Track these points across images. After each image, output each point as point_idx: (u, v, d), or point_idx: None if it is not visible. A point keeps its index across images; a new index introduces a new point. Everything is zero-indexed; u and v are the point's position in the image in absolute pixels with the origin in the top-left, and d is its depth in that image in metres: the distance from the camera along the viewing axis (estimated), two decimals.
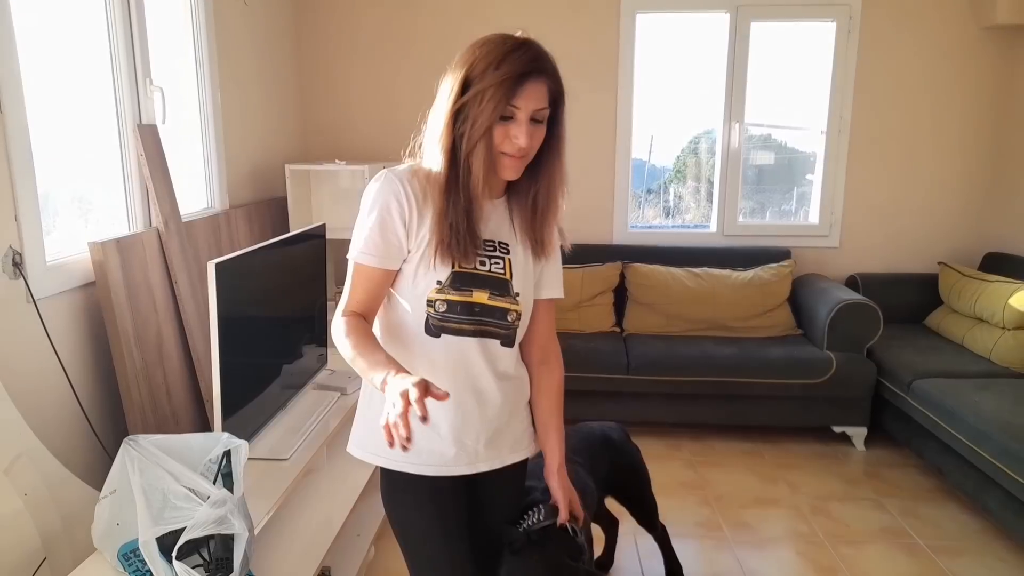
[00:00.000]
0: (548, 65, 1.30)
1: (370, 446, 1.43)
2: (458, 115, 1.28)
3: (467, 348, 1.36)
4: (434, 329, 1.35)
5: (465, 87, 1.27)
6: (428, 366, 1.36)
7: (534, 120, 1.28)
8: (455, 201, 1.30)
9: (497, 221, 1.40)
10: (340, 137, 4.02)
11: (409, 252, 1.34)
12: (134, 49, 2.39)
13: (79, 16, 2.25)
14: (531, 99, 1.26)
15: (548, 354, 1.53)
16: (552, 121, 1.33)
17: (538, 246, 1.41)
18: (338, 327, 1.31)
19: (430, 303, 1.33)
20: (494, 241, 1.39)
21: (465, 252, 1.31)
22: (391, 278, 1.36)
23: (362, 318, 1.33)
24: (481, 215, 1.35)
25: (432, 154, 1.33)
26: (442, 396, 1.08)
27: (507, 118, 1.27)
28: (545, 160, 1.35)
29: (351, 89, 3.98)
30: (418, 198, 1.32)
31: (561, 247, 1.49)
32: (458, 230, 1.30)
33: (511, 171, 1.31)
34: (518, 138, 1.27)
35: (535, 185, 1.37)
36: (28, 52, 1.91)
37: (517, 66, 1.25)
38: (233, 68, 3.11)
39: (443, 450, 1.39)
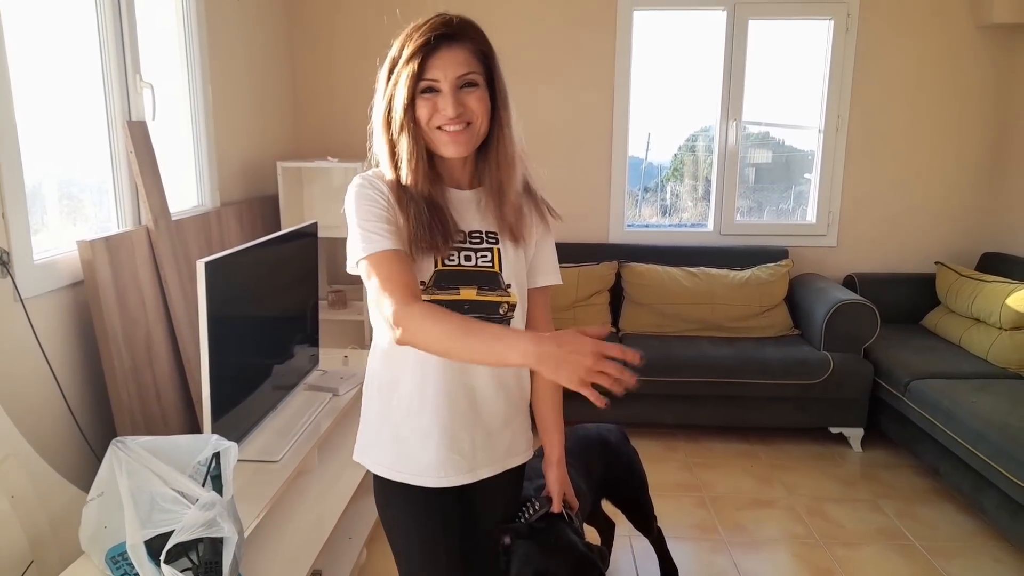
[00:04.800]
0: (461, 29, 1.24)
1: (371, 455, 1.40)
2: (389, 108, 1.26)
3: None
4: None
5: (390, 77, 1.26)
6: (419, 373, 1.33)
7: (467, 86, 1.23)
8: (408, 194, 1.27)
9: (479, 211, 1.35)
10: (332, 134, 3.99)
11: None
12: (124, 45, 2.36)
13: (68, 11, 2.22)
14: (448, 66, 1.21)
15: None
16: (491, 85, 1.27)
17: (510, 231, 1.34)
18: (415, 315, 1.13)
19: None
20: (480, 232, 1.34)
21: (435, 244, 1.25)
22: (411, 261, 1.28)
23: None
24: (448, 201, 1.31)
25: (379, 153, 1.30)
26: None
27: (430, 92, 1.23)
28: (492, 133, 1.30)
29: (343, 86, 3.95)
30: (391, 195, 1.28)
31: (551, 231, 1.44)
32: (421, 219, 1.25)
33: (451, 147, 1.25)
34: (445, 109, 1.22)
35: (487, 162, 1.32)
36: (16, 47, 1.88)
37: (423, 36, 1.21)
38: (224, 64, 3.08)
39: (440, 460, 1.36)
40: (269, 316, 2.31)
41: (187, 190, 2.87)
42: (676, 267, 3.74)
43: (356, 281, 1.34)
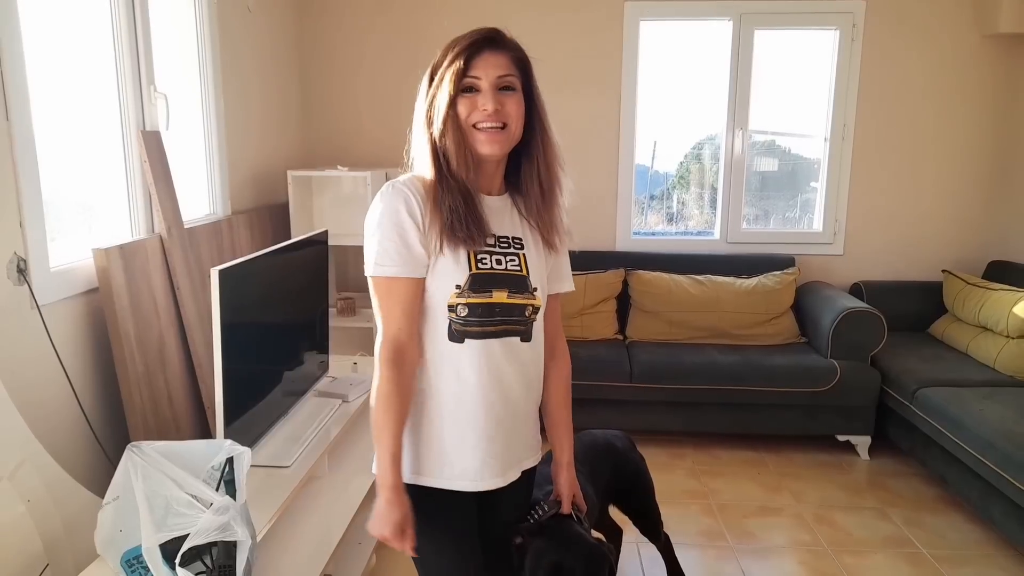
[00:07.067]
0: (504, 38, 1.33)
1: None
2: (431, 107, 1.32)
3: (492, 350, 1.35)
4: (457, 335, 1.34)
5: (432, 80, 1.33)
6: (454, 375, 1.35)
7: (505, 88, 1.30)
8: (447, 187, 1.31)
9: (506, 217, 1.40)
10: (342, 143, 4.03)
11: (429, 257, 1.33)
12: (138, 55, 2.40)
13: (84, 23, 2.26)
14: (490, 67, 1.29)
15: (556, 351, 1.53)
16: (528, 93, 1.34)
17: (549, 231, 1.41)
18: (377, 377, 1.30)
19: (451, 308, 1.32)
20: (508, 237, 1.39)
21: (471, 236, 1.31)
22: (421, 288, 1.33)
23: (402, 369, 1.30)
24: (482, 203, 1.36)
25: (419, 152, 1.35)
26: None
27: (471, 91, 1.29)
28: (533, 137, 1.37)
29: (353, 95, 3.99)
30: (424, 201, 1.32)
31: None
32: (457, 211, 1.30)
33: (487, 145, 1.31)
34: (485, 105, 1.28)
35: (533, 166, 1.38)
36: (34, 59, 1.91)
37: (469, 39, 1.30)
38: (236, 74, 3.12)
39: (478, 464, 1.38)
40: (280, 323, 2.33)
41: (199, 198, 2.91)
42: (683, 275, 3.75)
43: (365, 289, 1.39)
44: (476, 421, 1.37)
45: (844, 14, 3.77)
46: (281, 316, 2.34)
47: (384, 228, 1.30)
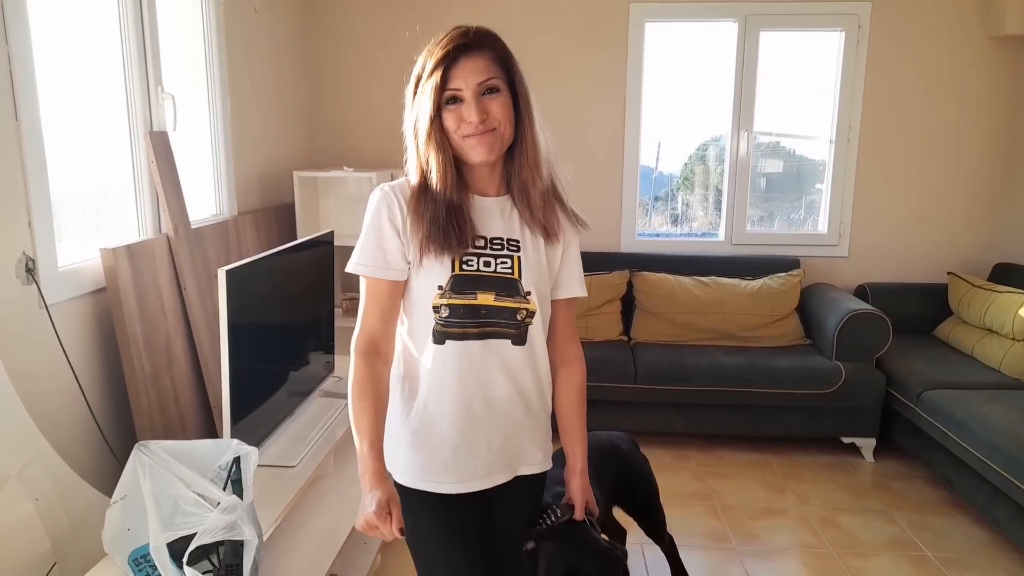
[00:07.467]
0: (478, 38, 1.29)
1: (393, 462, 1.42)
2: (416, 119, 1.32)
3: (472, 352, 1.34)
4: (439, 336, 1.34)
5: (416, 90, 1.32)
6: (435, 378, 1.35)
7: (488, 92, 1.28)
8: (431, 198, 1.31)
9: (502, 218, 1.38)
10: (348, 144, 4.04)
11: (410, 262, 1.34)
12: (146, 57, 2.41)
13: (92, 24, 2.27)
14: (469, 74, 1.27)
15: (568, 356, 1.50)
16: (514, 89, 1.32)
17: (541, 228, 1.38)
18: (352, 369, 1.32)
19: (435, 309, 1.33)
20: (502, 239, 1.37)
21: (449, 244, 1.30)
22: (399, 291, 1.35)
23: (375, 358, 1.33)
24: (472, 207, 1.35)
25: (409, 158, 1.36)
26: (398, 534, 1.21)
27: (455, 102, 1.28)
28: (517, 136, 1.34)
29: (359, 96, 4.00)
30: (407, 208, 1.33)
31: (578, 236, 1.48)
32: (437, 221, 1.30)
33: (479, 151, 1.30)
34: (470, 117, 1.27)
35: (517, 162, 1.35)
36: (43, 60, 1.92)
37: (443, 49, 1.27)
38: (243, 75, 3.13)
39: (459, 466, 1.38)
40: (285, 323, 2.34)
41: (206, 199, 2.92)
42: (687, 276, 3.75)
43: None
44: (457, 428, 1.37)
45: (849, 16, 3.77)
46: (287, 316, 2.35)
47: (367, 230, 1.34)
